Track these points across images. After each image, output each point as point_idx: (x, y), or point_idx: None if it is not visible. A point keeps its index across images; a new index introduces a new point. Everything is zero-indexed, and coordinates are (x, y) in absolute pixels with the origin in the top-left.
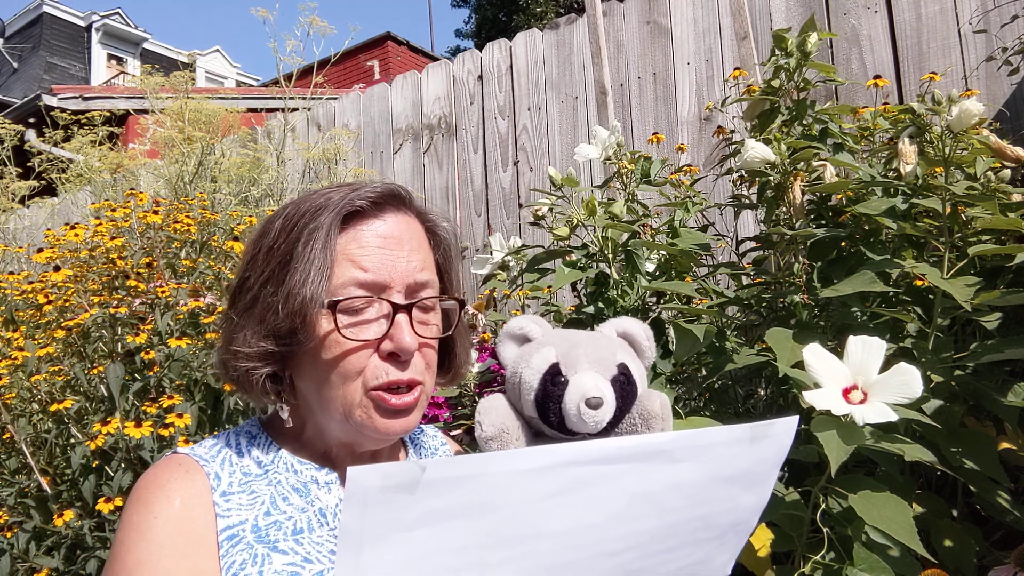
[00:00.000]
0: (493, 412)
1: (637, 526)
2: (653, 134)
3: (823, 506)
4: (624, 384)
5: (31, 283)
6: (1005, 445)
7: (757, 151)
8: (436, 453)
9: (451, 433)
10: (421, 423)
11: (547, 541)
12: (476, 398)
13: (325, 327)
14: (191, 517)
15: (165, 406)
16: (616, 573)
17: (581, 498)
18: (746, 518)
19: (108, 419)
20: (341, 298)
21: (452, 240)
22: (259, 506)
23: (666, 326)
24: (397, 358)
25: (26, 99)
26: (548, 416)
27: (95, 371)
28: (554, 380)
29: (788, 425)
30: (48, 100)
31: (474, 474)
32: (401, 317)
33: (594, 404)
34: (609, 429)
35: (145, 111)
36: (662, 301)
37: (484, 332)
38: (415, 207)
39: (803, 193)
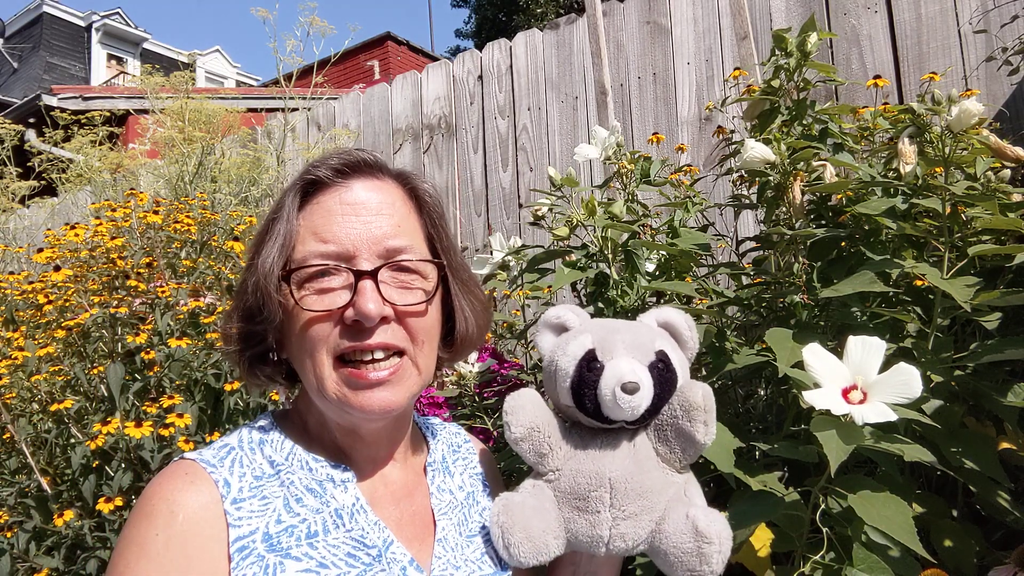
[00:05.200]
0: (521, 411)
1: None
2: (653, 134)
3: (823, 506)
4: (663, 371)
5: (31, 283)
6: (1005, 445)
7: (757, 151)
8: (459, 451)
9: None
10: (428, 414)
11: None
12: (476, 398)
13: (289, 301)
14: (195, 532)
15: (165, 406)
16: None
17: None
18: None
19: (108, 419)
20: (293, 268)
21: (437, 203)
22: (271, 512)
23: None
24: (360, 326)
25: (26, 99)
26: (584, 403)
27: (95, 371)
28: (590, 366)
29: None
30: (48, 100)
31: None
32: (365, 283)
33: (630, 389)
34: (647, 417)
35: (145, 111)
36: (662, 301)
37: None
38: (391, 171)
39: (803, 193)
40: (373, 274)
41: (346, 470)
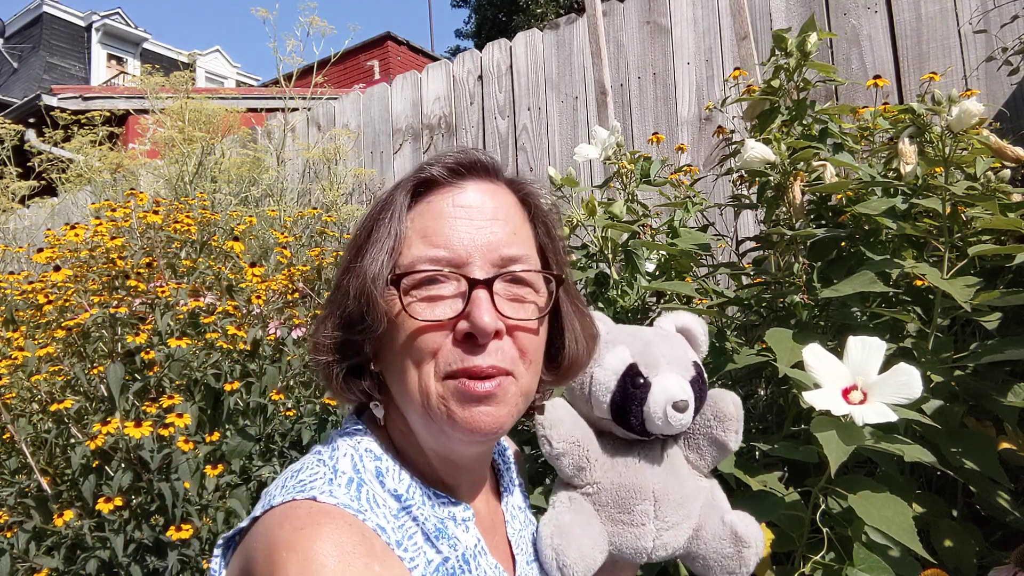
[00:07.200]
0: (560, 425)
1: None
2: (653, 134)
3: (823, 506)
4: (700, 384)
5: (31, 283)
6: (1005, 445)
7: (757, 151)
8: (508, 461)
9: None
10: None
11: None
12: None
13: (395, 308)
14: None
15: (165, 406)
16: None
17: None
18: None
19: (108, 419)
20: (401, 272)
21: (553, 212)
22: (421, 554)
23: None
24: (474, 340)
25: (26, 99)
26: (628, 419)
27: (95, 371)
28: (634, 382)
29: None
30: (48, 100)
31: None
32: (479, 293)
33: (682, 407)
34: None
35: (145, 111)
36: (662, 301)
37: None
38: (505, 176)
39: (803, 193)
40: (488, 284)
41: (467, 508)
